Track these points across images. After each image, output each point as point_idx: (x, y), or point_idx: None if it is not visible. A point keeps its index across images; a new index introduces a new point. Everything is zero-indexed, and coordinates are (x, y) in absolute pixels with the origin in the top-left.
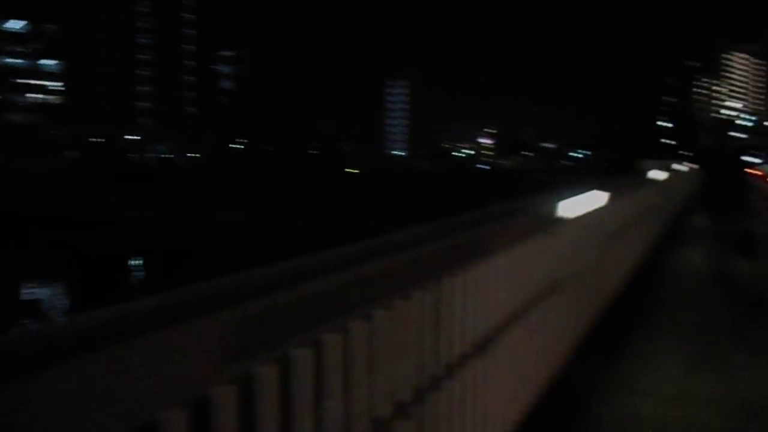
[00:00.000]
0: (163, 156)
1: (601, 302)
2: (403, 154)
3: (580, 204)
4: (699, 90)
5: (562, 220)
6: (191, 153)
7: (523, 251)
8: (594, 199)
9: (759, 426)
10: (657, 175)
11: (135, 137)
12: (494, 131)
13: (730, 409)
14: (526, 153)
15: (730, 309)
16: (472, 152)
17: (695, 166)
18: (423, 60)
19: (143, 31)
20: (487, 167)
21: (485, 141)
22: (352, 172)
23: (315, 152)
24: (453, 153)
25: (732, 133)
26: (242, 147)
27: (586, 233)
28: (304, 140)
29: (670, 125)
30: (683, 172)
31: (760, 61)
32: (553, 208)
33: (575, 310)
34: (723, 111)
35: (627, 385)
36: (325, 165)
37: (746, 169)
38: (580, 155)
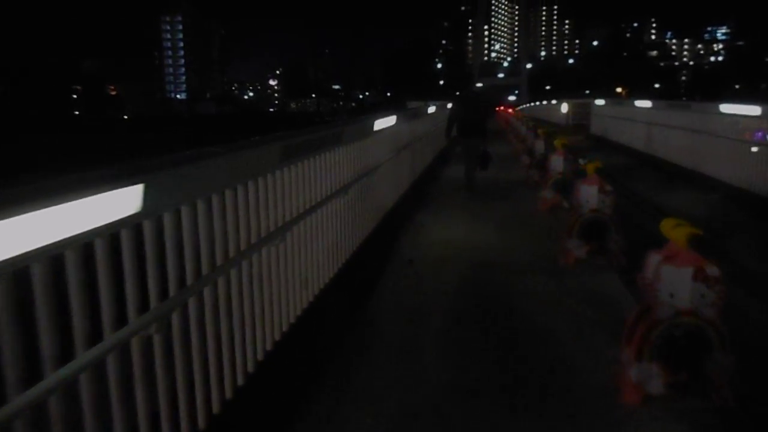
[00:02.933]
0: None
1: None
2: (182, 97)
3: None
4: (470, 33)
5: None
6: None
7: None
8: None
9: None
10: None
11: None
12: (281, 72)
13: None
14: (314, 95)
15: None
16: (251, 95)
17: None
18: None
19: None
20: (272, 109)
21: (274, 83)
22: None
23: (75, 97)
24: (245, 97)
25: (499, 75)
26: None
27: None
28: (64, 83)
29: (441, 66)
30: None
31: (512, 5)
32: None
33: None
34: (492, 54)
35: None
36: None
37: (489, 106)
38: (363, 96)
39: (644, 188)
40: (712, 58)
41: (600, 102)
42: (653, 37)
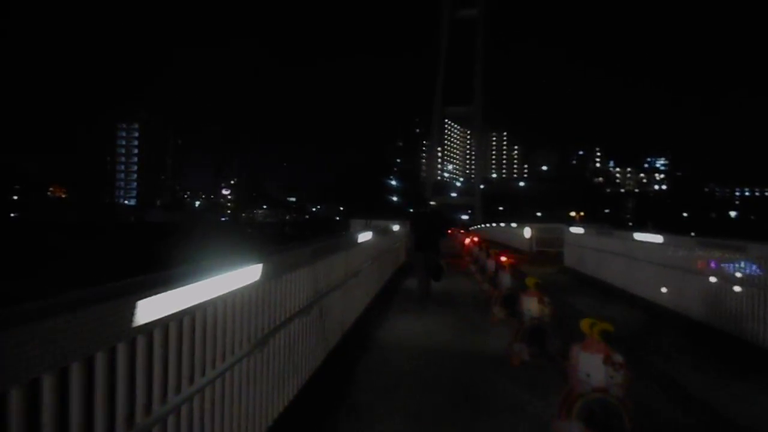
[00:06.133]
0: None
1: None
2: (129, 203)
3: None
4: (424, 154)
5: None
6: None
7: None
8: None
9: None
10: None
11: None
12: (235, 183)
13: None
14: (265, 206)
15: None
16: (198, 203)
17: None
18: (161, 104)
19: None
20: (223, 219)
21: (227, 192)
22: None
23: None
24: (195, 204)
25: (452, 194)
26: None
27: None
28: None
29: (395, 183)
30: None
31: (464, 129)
32: None
33: None
34: (445, 173)
35: None
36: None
37: (442, 225)
38: (316, 209)
39: (701, 382)
40: (656, 187)
41: (577, 230)
42: (598, 164)
